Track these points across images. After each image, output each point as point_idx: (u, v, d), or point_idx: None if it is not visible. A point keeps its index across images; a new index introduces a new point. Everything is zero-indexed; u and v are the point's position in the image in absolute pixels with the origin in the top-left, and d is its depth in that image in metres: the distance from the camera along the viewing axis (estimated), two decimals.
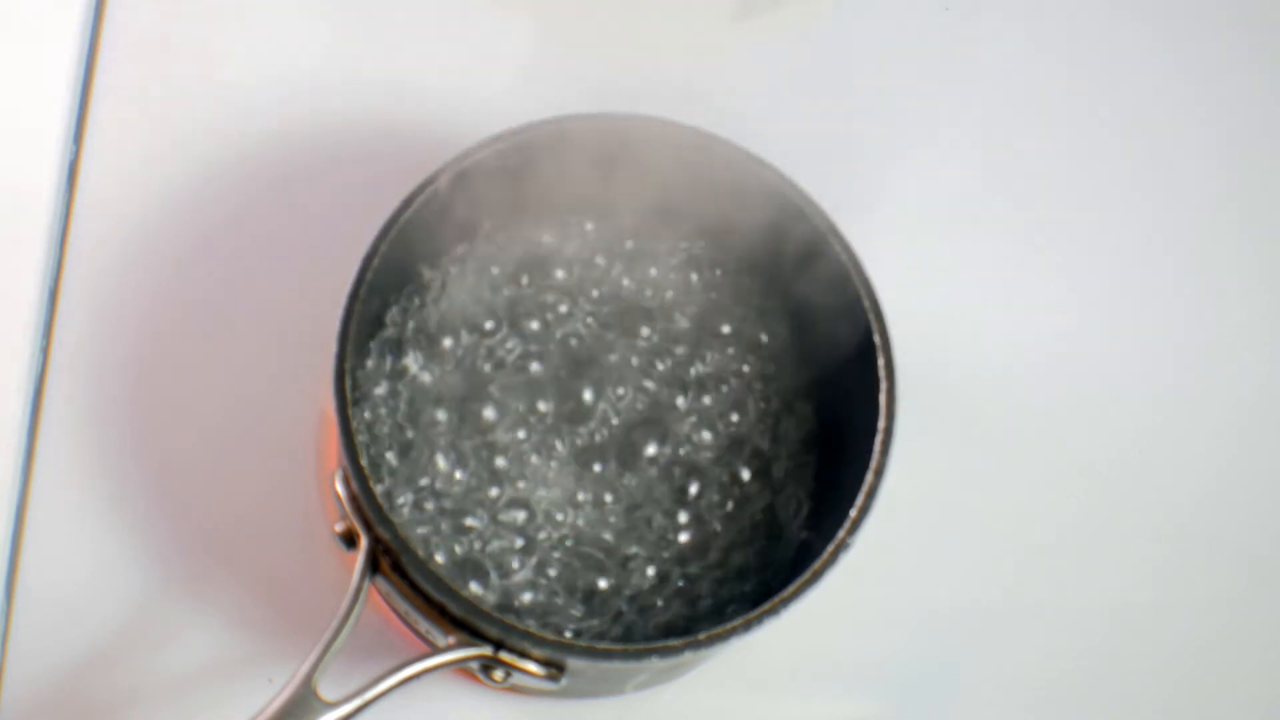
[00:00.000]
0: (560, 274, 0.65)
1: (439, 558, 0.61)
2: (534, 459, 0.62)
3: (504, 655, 0.57)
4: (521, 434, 0.63)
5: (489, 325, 0.64)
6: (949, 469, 0.69)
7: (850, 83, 0.76)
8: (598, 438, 0.63)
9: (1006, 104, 0.76)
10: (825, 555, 0.57)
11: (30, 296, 0.67)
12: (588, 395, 0.63)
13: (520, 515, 0.62)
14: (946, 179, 0.75)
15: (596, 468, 0.63)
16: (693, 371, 0.64)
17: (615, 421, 0.63)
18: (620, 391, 0.63)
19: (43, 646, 0.64)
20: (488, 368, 0.63)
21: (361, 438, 0.61)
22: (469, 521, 0.61)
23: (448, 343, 0.63)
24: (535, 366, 0.63)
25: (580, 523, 0.62)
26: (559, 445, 0.63)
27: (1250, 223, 0.76)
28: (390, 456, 0.62)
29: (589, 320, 0.64)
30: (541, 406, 0.63)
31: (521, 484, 0.62)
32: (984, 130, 0.76)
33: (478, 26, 0.74)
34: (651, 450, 0.63)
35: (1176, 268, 0.75)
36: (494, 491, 0.62)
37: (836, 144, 0.73)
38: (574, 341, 0.64)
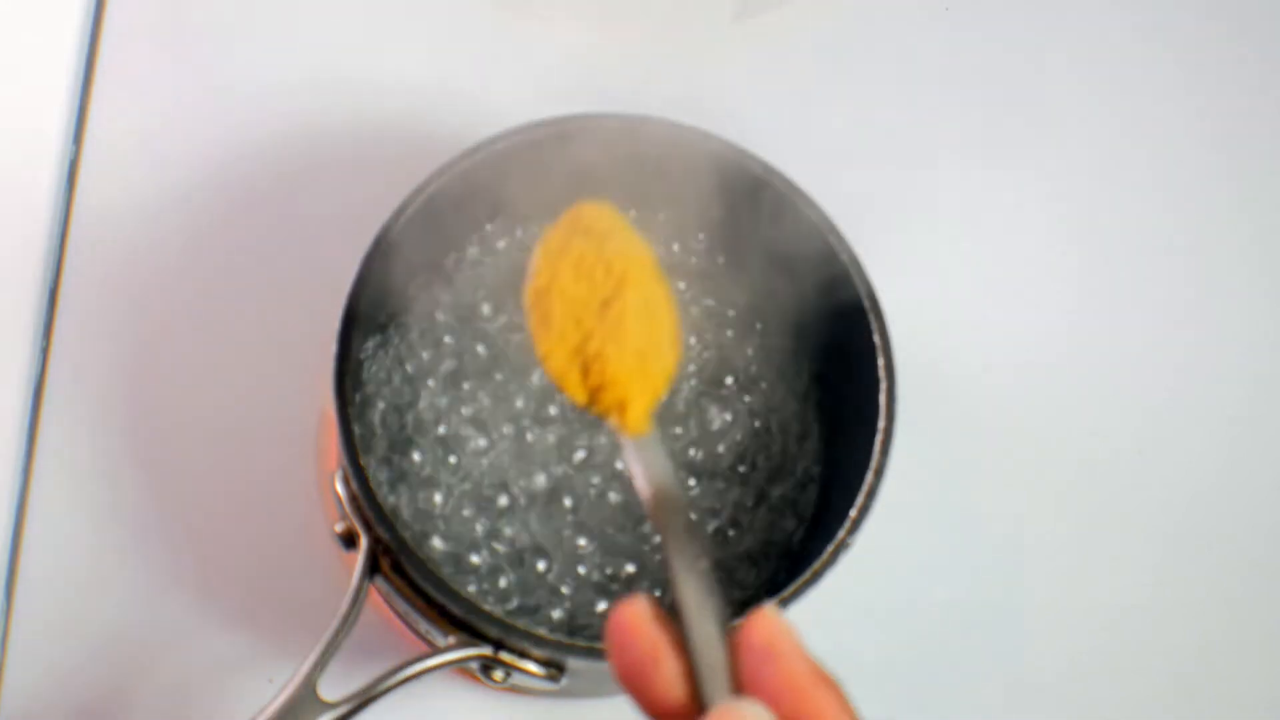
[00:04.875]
0: None
1: (436, 552, 0.61)
2: (536, 459, 0.62)
3: (504, 655, 0.57)
4: (524, 434, 0.63)
5: (491, 325, 0.64)
6: (949, 469, 0.69)
7: (850, 83, 0.76)
8: (600, 439, 0.63)
9: (1006, 104, 0.76)
10: (825, 555, 0.57)
11: (30, 296, 0.67)
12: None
13: (522, 514, 0.62)
14: (946, 179, 0.75)
15: (599, 466, 0.63)
16: (690, 371, 0.64)
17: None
18: None
19: (43, 646, 0.64)
20: (491, 366, 0.63)
21: (361, 435, 0.62)
22: (469, 521, 0.61)
23: (450, 342, 0.63)
24: (537, 364, 0.63)
25: (581, 523, 0.62)
26: (561, 446, 0.63)
27: (1251, 223, 0.76)
28: (391, 456, 0.62)
29: None
30: (547, 409, 0.63)
31: (523, 483, 0.62)
32: (984, 130, 0.76)
33: (478, 27, 0.74)
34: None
35: (1177, 268, 0.75)
36: (495, 491, 0.62)
37: (836, 144, 0.73)
38: None
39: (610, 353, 0.48)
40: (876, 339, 0.60)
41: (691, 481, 0.63)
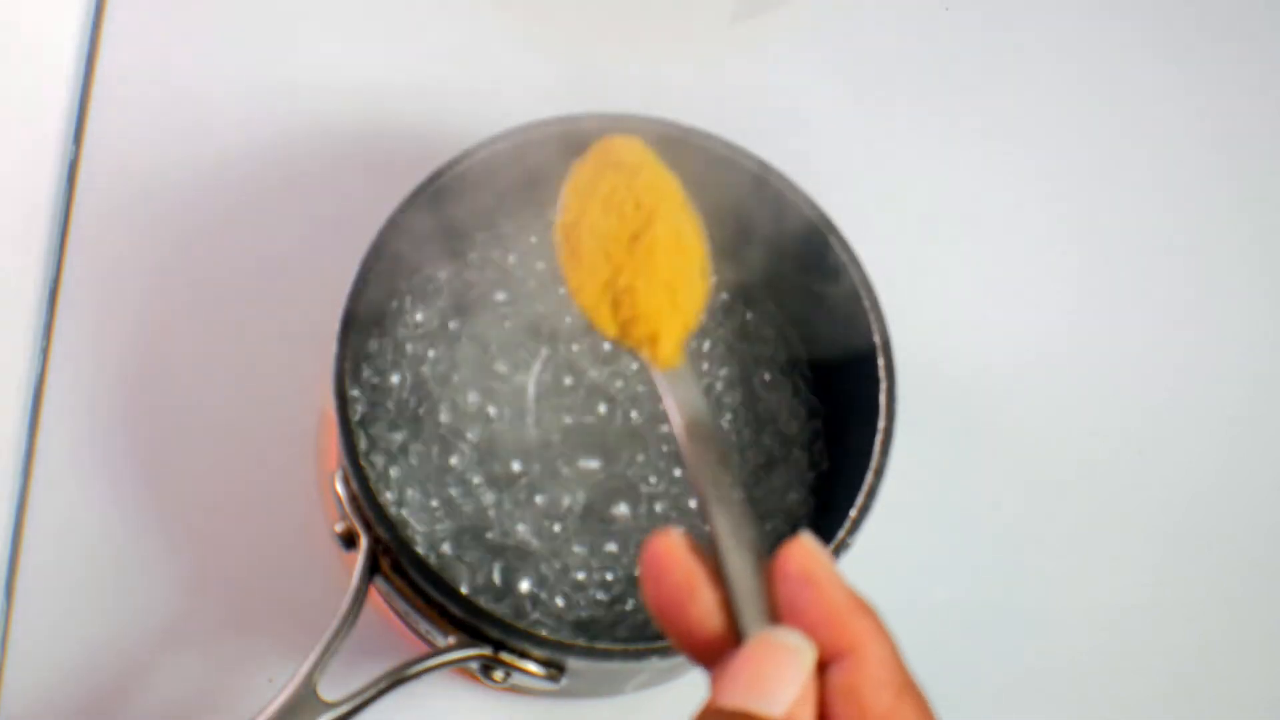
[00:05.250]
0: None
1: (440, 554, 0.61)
2: (537, 458, 0.62)
3: (504, 655, 0.57)
4: (525, 434, 0.63)
5: (492, 324, 0.64)
6: (949, 469, 0.69)
7: (849, 83, 0.76)
8: (600, 437, 0.63)
9: (1006, 104, 0.76)
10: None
11: (30, 296, 0.67)
12: (590, 394, 0.63)
13: (525, 515, 0.62)
14: (946, 179, 0.75)
15: (598, 466, 0.63)
16: (701, 368, 0.64)
17: (617, 422, 0.63)
18: (621, 391, 0.63)
19: (43, 646, 0.64)
20: (494, 364, 0.63)
21: (362, 441, 0.62)
22: (470, 521, 0.61)
23: (451, 341, 0.63)
24: (536, 365, 0.63)
25: (583, 522, 0.62)
26: (561, 445, 0.63)
27: (1251, 223, 0.76)
28: (392, 455, 0.62)
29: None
30: (545, 406, 0.63)
31: (524, 484, 0.62)
32: (983, 130, 0.76)
33: (478, 28, 0.74)
34: (654, 447, 0.63)
35: (1176, 268, 0.75)
36: (497, 491, 0.62)
37: (836, 144, 0.73)
38: (575, 341, 0.64)
39: (640, 286, 0.48)
40: (876, 339, 0.60)
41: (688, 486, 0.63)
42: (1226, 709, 0.69)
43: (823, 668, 0.40)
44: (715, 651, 0.41)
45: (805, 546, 0.41)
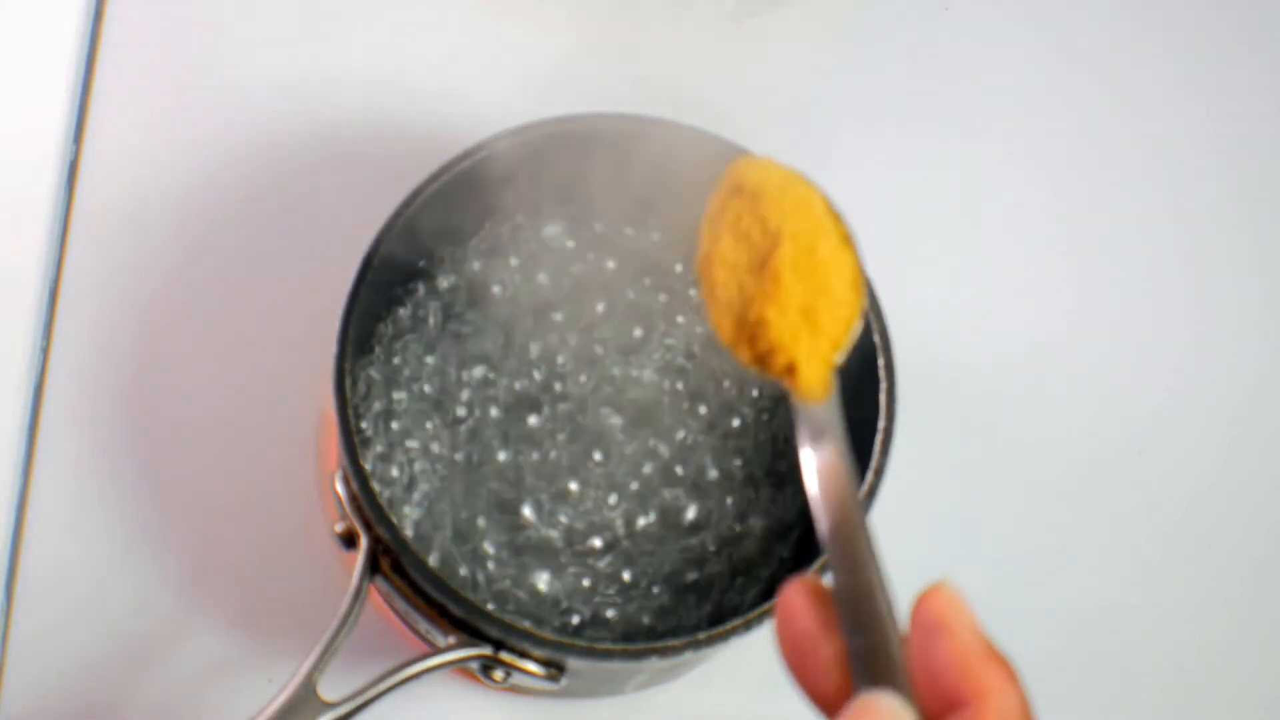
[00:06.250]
0: (562, 276, 0.65)
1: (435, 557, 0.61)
2: (537, 458, 0.62)
3: (504, 655, 0.57)
4: (525, 434, 0.63)
5: (492, 323, 0.64)
6: (948, 468, 0.69)
7: (849, 83, 0.76)
8: (600, 437, 0.63)
9: (1006, 104, 0.76)
10: (825, 556, 0.57)
11: (30, 296, 0.67)
12: (589, 395, 0.63)
13: (523, 515, 0.62)
14: (946, 178, 0.75)
15: (598, 462, 0.62)
16: (691, 372, 0.64)
17: (618, 422, 0.63)
18: (623, 391, 0.63)
19: (43, 646, 0.64)
20: (493, 363, 0.63)
21: (362, 435, 0.62)
22: (470, 521, 0.61)
23: (450, 341, 0.63)
24: (536, 366, 0.63)
25: (583, 524, 0.62)
26: (561, 444, 0.63)
27: (1251, 223, 0.76)
28: (392, 453, 0.62)
29: (589, 321, 0.64)
30: (545, 407, 0.63)
31: (524, 482, 0.62)
32: (983, 130, 0.76)
33: (478, 27, 0.74)
34: (652, 450, 0.63)
35: (1176, 268, 0.75)
36: (496, 490, 0.62)
37: (835, 144, 0.73)
38: (574, 341, 0.64)
39: (771, 316, 0.45)
40: (876, 339, 0.60)
41: (691, 482, 0.63)
42: (1226, 709, 0.69)
43: (947, 717, 0.39)
44: (836, 703, 0.40)
45: (944, 593, 0.40)
